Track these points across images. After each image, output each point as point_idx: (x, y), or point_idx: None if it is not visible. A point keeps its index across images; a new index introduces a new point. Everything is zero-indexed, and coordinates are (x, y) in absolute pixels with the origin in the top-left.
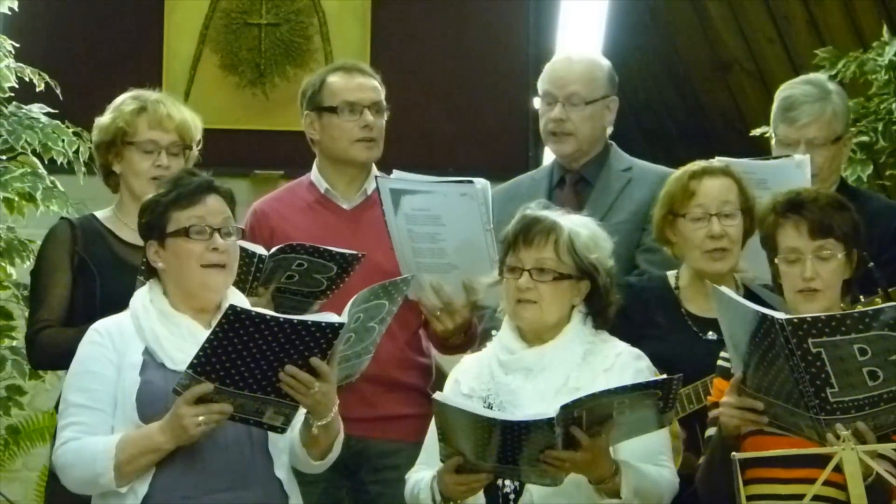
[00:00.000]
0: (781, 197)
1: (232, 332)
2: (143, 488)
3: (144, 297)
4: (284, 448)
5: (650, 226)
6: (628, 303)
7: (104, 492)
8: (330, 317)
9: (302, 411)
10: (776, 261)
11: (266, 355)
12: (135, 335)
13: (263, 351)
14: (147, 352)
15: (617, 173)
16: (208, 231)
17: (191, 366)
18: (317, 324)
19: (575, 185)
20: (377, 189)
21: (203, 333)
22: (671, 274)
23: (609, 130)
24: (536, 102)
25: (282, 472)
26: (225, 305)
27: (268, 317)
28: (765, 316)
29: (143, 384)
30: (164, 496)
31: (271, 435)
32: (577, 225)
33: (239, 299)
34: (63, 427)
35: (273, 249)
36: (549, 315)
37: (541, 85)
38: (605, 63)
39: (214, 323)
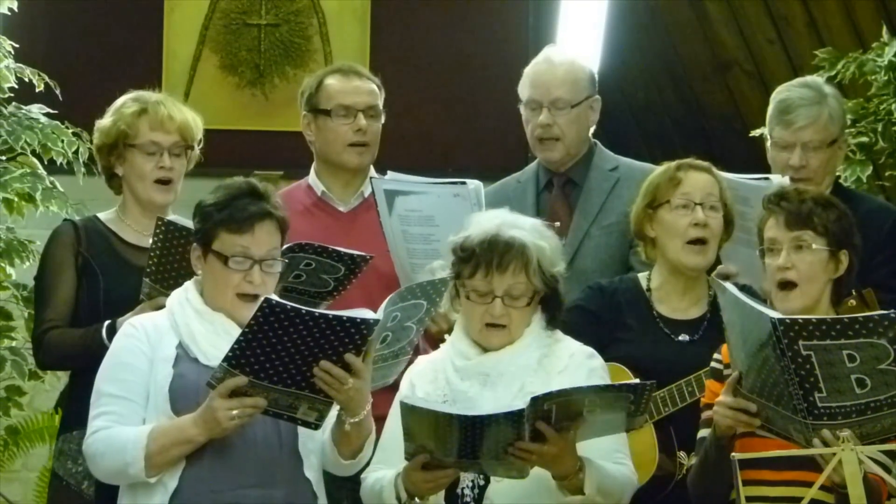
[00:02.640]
0: (771, 191)
1: (267, 325)
2: (173, 482)
3: (181, 295)
4: (315, 449)
5: None
6: (599, 305)
7: (133, 483)
8: (365, 313)
9: (335, 409)
10: (758, 253)
11: (300, 349)
12: (170, 331)
13: (298, 345)
14: (181, 346)
15: (604, 173)
16: (248, 263)
17: (226, 359)
18: (352, 319)
19: (563, 188)
20: (372, 190)
21: (237, 331)
22: (642, 276)
23: (592, 130)
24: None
25: (311, 472)
26: None
27: (303, 311)
28: (761, 314)
29: (176, 377)
30: (192, 489)
31: (301, 435)
32: (538, 238)
33: None
34: (95, 416)
35: (283, 248)
36: (517, 335)
37: (523, 91)
38: (585, 63)
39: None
